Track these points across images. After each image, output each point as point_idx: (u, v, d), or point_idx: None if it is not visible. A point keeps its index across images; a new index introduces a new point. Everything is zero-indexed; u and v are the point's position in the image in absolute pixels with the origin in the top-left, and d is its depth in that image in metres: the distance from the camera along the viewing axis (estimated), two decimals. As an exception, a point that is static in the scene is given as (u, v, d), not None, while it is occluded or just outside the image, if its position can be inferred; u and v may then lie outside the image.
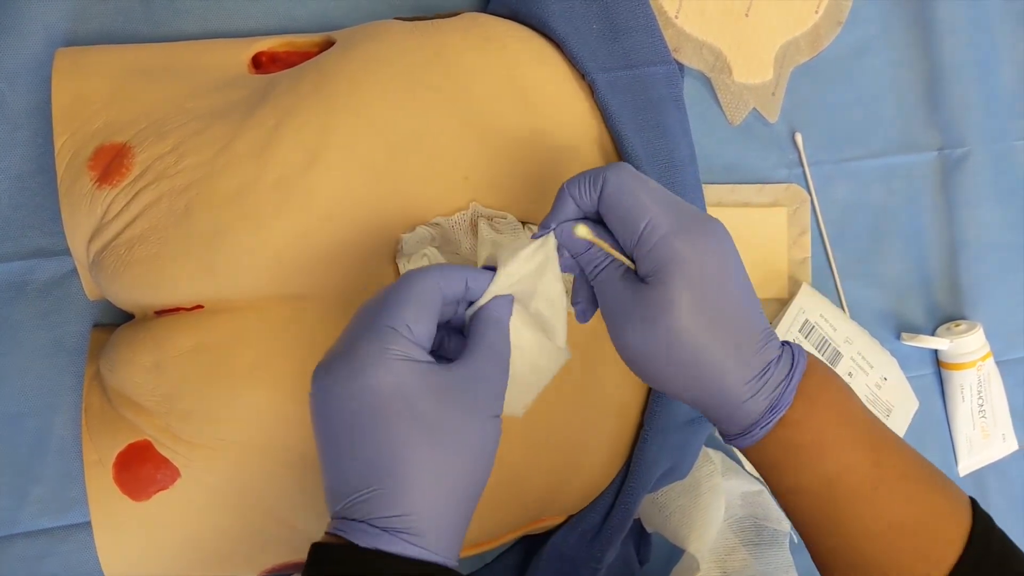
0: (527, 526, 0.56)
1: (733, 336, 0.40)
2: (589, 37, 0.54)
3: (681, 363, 0.40)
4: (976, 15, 0.72)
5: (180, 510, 0.48)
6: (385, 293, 0.38)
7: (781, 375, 0.41)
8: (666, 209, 0.41)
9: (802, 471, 0.41)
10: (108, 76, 0.50)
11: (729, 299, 0.40)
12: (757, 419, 0.41)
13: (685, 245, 0.40)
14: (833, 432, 0.41)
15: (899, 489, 0.40)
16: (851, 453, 0.41)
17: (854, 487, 0.40)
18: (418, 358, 0.37)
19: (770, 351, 0.41)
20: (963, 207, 0.73)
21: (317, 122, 0.47)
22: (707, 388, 0.41)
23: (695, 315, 0.39)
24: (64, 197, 0.48)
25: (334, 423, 0.36)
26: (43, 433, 0.55)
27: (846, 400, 0.42)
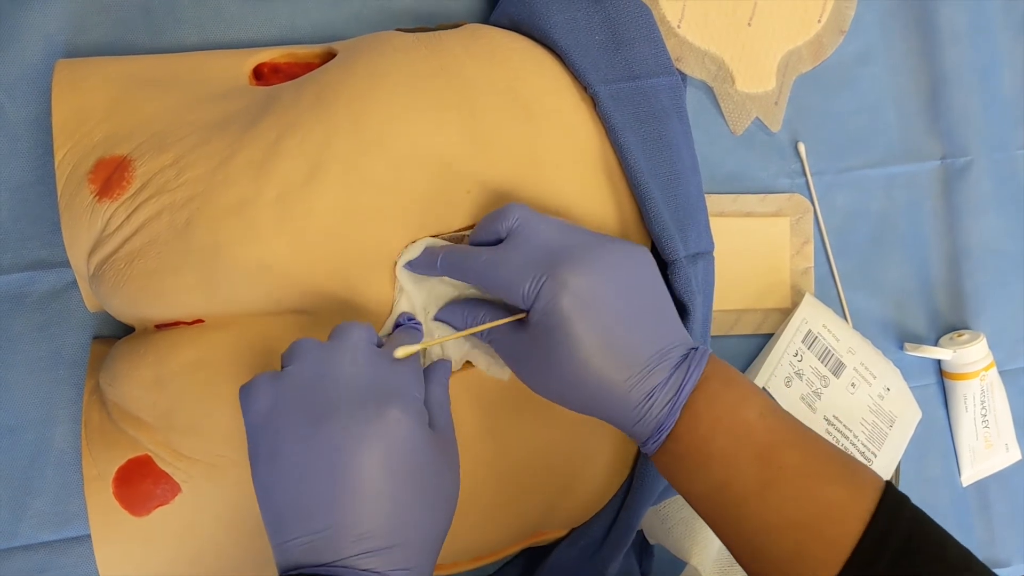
0: (528, 539, 0.56)
1: (612, 368, 0.43)
2: (591, 48, 0.53)
3: (572, 396, 0.45)
4: (978, 24, 0.72)
5: (180, 526, 0.48)
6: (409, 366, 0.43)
7: (668, 395, 0.44)
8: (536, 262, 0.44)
9: (692, 479, 0.44)
10: (108, 88, 0.50)
11: (608, 331, 0.43)
12: (648, 435, 0.44)
13: (554, 292, 0.43)
14: (718, 443, 0.43)
15: (789, 489, 0.42)
16: (736, 462, 0.43)
17: (741, 492, 0.43)
18: (427, 421, 0.42)
19: (662, 369, 0.44)
20: (966, 216, 0.73)
21: (318, 136, 0.47)
22: (601, 411, 0.45)
23: (568, 356, 0.43)
24: (64, 210, 0.48)
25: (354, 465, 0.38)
26: (42, 446, 0.55)
27: (737, 409, 0.44)
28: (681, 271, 0.52)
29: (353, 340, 0.42)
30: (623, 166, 0.52)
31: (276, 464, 0.39)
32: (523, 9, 0.54)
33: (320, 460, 0.38)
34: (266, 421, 0.40)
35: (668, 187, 0.53)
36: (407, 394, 0.41)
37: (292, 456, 0.38)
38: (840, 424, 0.66)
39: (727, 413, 0.44)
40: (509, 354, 0.47)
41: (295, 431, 0.39)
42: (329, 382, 0.40)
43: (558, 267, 0.44)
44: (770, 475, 0.42)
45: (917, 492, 0.72)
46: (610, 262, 0.45)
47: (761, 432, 0.43)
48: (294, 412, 0.39)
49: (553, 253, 0.45)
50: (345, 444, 0.38)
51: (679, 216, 0.53)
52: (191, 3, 0.57)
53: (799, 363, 0.66)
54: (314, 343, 0.42)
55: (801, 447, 0.43)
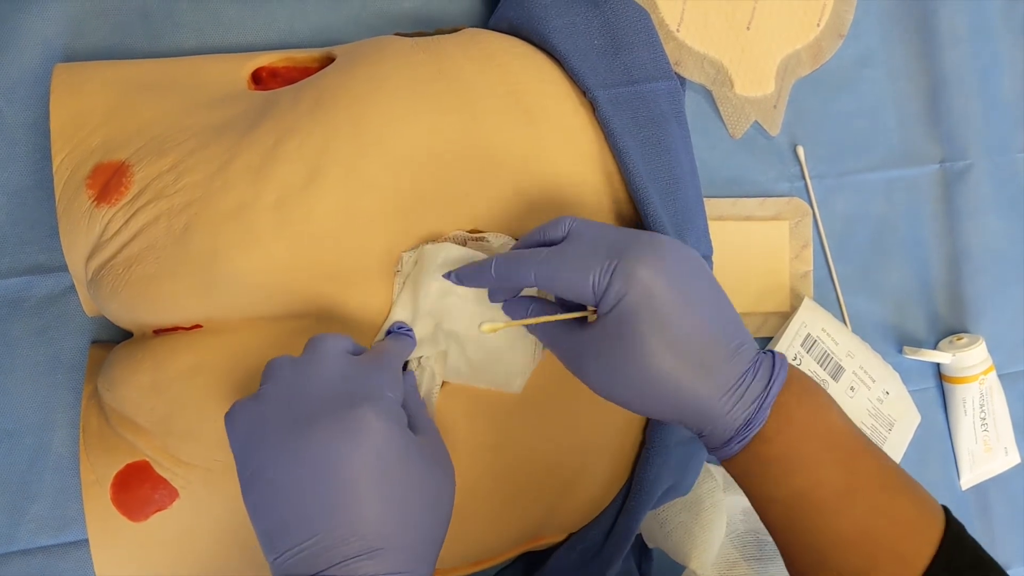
0: (527, 544, 0.56)
1: (697, 355, 0.41)
2: (590, 53, 0.53)
3: (648, 392, 0.42)
4: (978, 27, 0.72)
5: (178, 531, 0.48)
6: (382, 362, 0.43)
7: (758, 389, 0.42)
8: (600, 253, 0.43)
9: (775, 484, 0.42)
10: (107, 92, 0.50)
11: (687, 317, 0.42)
12: (734, 434, 0.42)
13: (627, 276, 0.41)
14: (807, 447, 0.42)
15: (870, 500, 0.41)
16: (823, 467, 0.41)
17: (823, 500, 0.41)
18: (405, 422, 0.41)
19: (741, 362, 0.42)
20: (965, 220, 0.73)
21: (317, 140, 0.47)
22: (681, 408, 0.42)
23: (649, 345, 0.41)
24: (62, 215, 0.48)
25: (329, 475, 0.38)
26: (41, 450, 0.55)
27: (824, 413, 0.43)
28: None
29: (325, 350, 0.42)
30: (622, 170, 0.52)
31: (259, 483, 0.39)
32: (522, 13, 0.54)
33: (298, 472, 0.38)
34: (247, 443, 0.40)
35: (667, 192, 0.53)
36: (380, 396, 0.40)
37: (272, 473, 0.38)
38: (839, 428, 0.66)
39: (816, 415, 0.42)
40: (572, 356, 0.45)
41: (272, 448, 0.39)
42: (301, 395, 0.40)
43: (626, 254, 0.42)
44: (852, 484, 0.41)
45: (916, 496, 0.72)
46: (675, 253, 0.43)
47: (846, 438, 0.42)
48: (270, 430, 0.39)
49: (617, 244, 0.43)
50: (320, 453, 0.38)
51: (678, 221, 0.53)
52: (190, 7, 0.57)
53: (798, 366, 0.66)
54: (287, 359, 0.42)
55: (877, 459, 0.42)
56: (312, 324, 0.48)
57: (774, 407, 0.42)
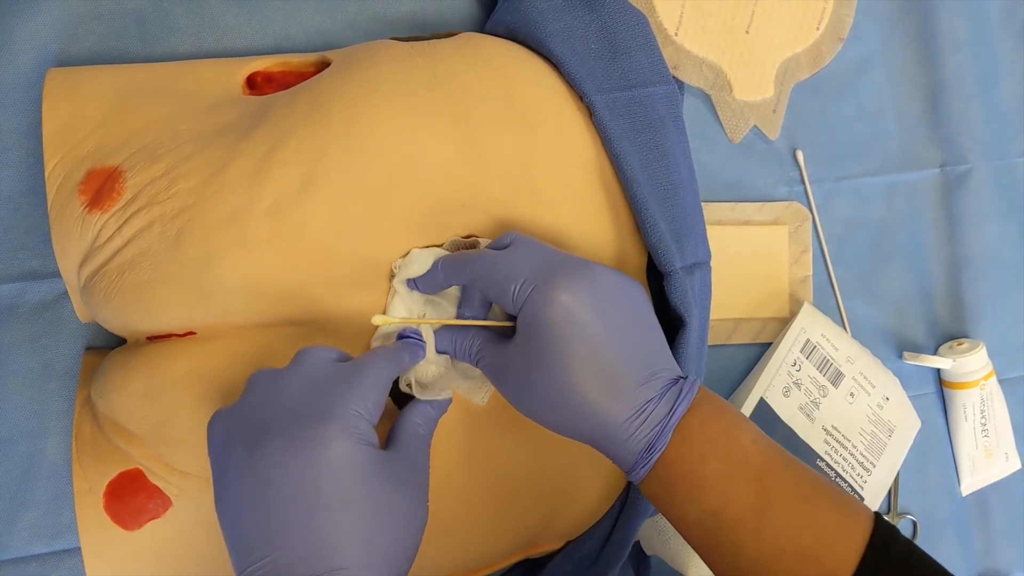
0: (524, 552, 0.56)
1: (605, 378, 0.42)
2: (587, 57, 0.53)
3: (557, 409, 0.43)
4: (978, 31, 0.71)
5: (172, 540, 0.47)
6: (350, 376, 0.41)
7: (661, 413, 0.42)
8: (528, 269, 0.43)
9: (685, 506, 0.43)
10: (100, 97, 0.49)
11: (601, 341, 0.42)
12: (637, 458, 0.43)
13: (546, 294, 0.42)
14: (711, 467, 0.42)
15: (787, 515, 0.41)
16: (731, 486, 0.42)
17: (737, 519, 0.41)
18: (372, 441, 0.40)
19: (651, 389, 0.43)
20: (965, 224, 0.72)
21: (312, 146, 0.46)
22: (587, 429, 0.43)
23: (559, 362, 0.42)
24: (55, 221, 0.47)
25: (283, 491, 0.37)
26: (34, 458, 0.54)
27: (731, 433, 0.43)
28: (678, 282, 0.51)
29: (306, 363, 0.42)
30: (619, 176, 0.52)
31: (225, 497, 0.38)
32: (519, 18, 0.54)
33: (257, 487, 0.37)
34: (219, 452, 0.39)
35: (665, 197, 0.53)
36: (343, 412, 0.39)
37: (235, 487, 0.38)
38: (839, 434, 0.66)
39: (721, 436, 0.43)
40: (495, 371, 0.46)
41: (237, 460, 0.38)
42: (273, 407, 0.39)
43: (552, 275, 0.43)
44: (766, 501, 0.41)
45: (917, 502, 0.72)
46: (603, 280, 0.44)
47: (755, 456, 0.42)
48: (238, 441, 0.39)
49: (550, 264, 0.44)
50: (275, 469, 0.37)
51: (676, 226, 0.53)
52: (184, 12, 0.56)
53: (797, 373, 0.66)
54: (269, 371, 0.42)
55: (794, 473, 0.42)
56: (306, 331, 0.48)
57: (677, 430, 0.42)
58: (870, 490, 0.67)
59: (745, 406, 0.64)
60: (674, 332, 0.53)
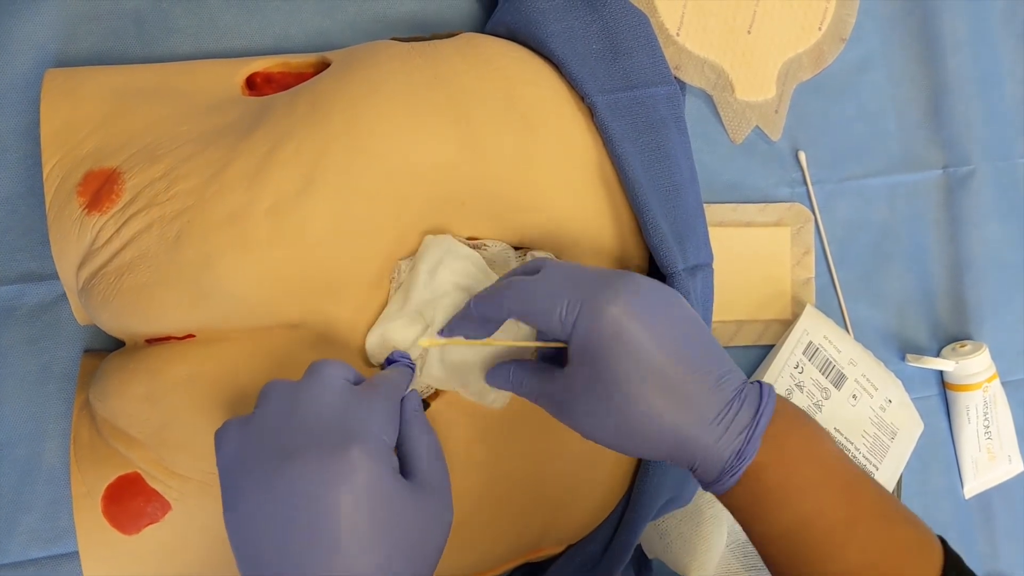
0: (525, 556, 0.55)
1: (674, 386, 0.40)
2: (589, 58, 0.53)
3: (630, 429, 0.41)
4: (980, 32, 0.71)
5: (171, 544, 0.47)
6: (372, 400, 0.40)
7: (745, 419, 0.41)
8: (571, 290, 0.42)
9: (774, 517, 0.41)
10: (98, 98, 0.49)
11: (660, 350, 0.41)
12: (725, 467, 0.41)
13: (596, 312, 0.40)
14: (803, 475, 0.40)
15: (872, 530, 0.40)
16: (823, 495, 0.40)
17: (827, 529, 0.40)
18: (396, 467, 0.39)
19: (725, 392, 0.41)
20: (968, 225, 0.72)
21: (312, 147, 0.46)
22: (665, 443, 0.41)
23: (623, 380, 0.40)
24: (53, 223, 0.47)
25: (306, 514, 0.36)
26: (32, 461, 0.54)
27: (817, 441, 0.42)
28: (680, 284, 0.51)
29: (323, 379, 0.40)
30: (621, 177, 0.51)
31: (239, 510, 0.38)
32: (519, 18, 0.53)
33: (276, 506, 0.37)
34: (232, 466, 0.39)
35: (666, 199, 0.52)
36: (370, 436, 0.38)
37: (252, 502, 0.37)
38: (841, 437, 0.66)
39: (809, 443, 0.41)
40: (553, 404, 0.44)
41: (255, 476, 0.37)
42: (292, 424, 0.39)
43: (597, 291, 0.41)
44: (855, 512, 0.40)
45: (919, 505, 0.71)
46: (649, 289, 0.42)
47: (842, 466, 0.41)
48: (256, 456, 0.38)
49: (589, 280, 0.42)
50: (300, 490, 0.36)
51: (678, 228, 0.52)
52: (184, 12, 0.56)
53: (800, 375, 0.65)
54: (285, 384, 0.41)
55: (875, 486, 0.41)
56: (306, 334, 0.47)
57: (765, 437, 0.40)
58: (873, 493, 0.66)
59: (747, 408, 0.63)
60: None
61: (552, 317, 0.42)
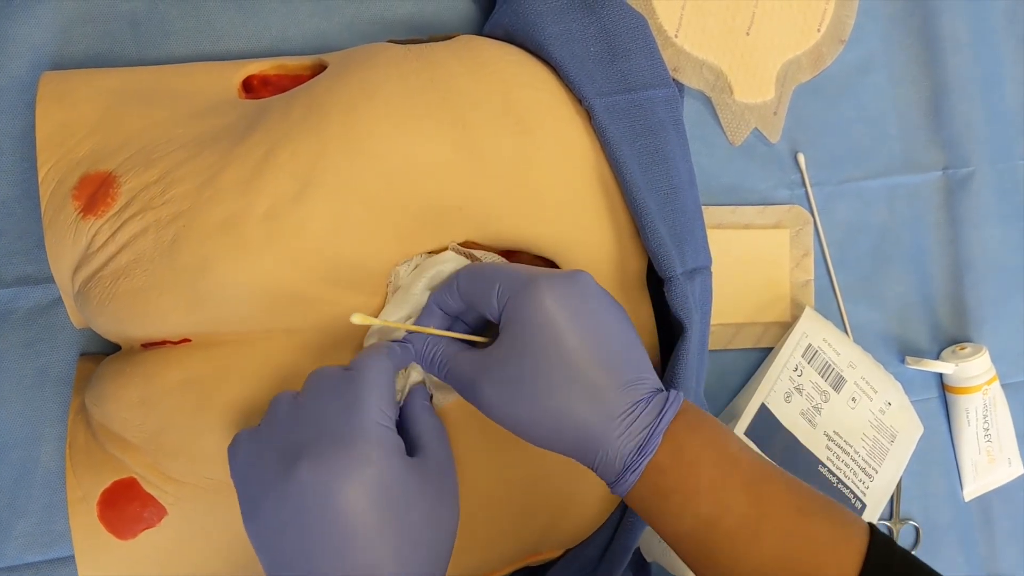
0: (524, 560, 0.55)
1: (589, 380, 0.41)
2: (587, 60, 0.52)
3: (537, 414, 0.41)
4: (980, 33, 0.71)
5: (167, 549, 0.47)
6: (359, 385, 0.41)
7: (648, 418, 0.41)
8: (514, 274, 0.43)
9: (679, 516, 0.41)
10: (94, 102, 0.49)
11: (583, 344, 0.41)
12: (627, 462, 0.41)
13: (530, 296, 0.42)
14: (706, 474, 0.41)
15: (783, 524, 0.40)
16: (727, 494, 0.40)
17: (733, 528, 0.40)
18: (401, 448, 0.40)
19: (635, 394, 0.42)
20: (968, 227, 0.72)
21: (308, 151, 0.46)
22: (570, 432, 0.41)
23: (541, 364, 0.41)
24: (48, 227, 0.47)
25: (320, 514, 0.37)
26: (29, 465, 0.54)
27: (720, 441, 0.42)
28: (678, 288, 0.51)
29: (320, 380, 0.42)
30: (619, 181, 0.51)
31: (258, 518, 0.39)
32: (517, 20, 0.53)
33: (290, 509, 0.38)
34: (246, 476, 0.40)
35: (665, 202, 0.52)
36: (370, 429, 0.39)
37: (268, 509, 0.38)
38: (840, 440, 0.65)
39: (711, 443, 0.42)
40: (465, 381, 0.44)
41: (268, 483, 0.39)
42: (298, 430, 0.40)
43: (536, 278, 0.42)
44: (761, 510, 0.40)
45: (919, 507, 0.71)
46: (587, 286, 0.43)
47: (746, 463, 0.41)
48: (267, 464, 0.39)
49: (531, 271, 0.44)
50: (310, 492, 0.37)
51: (676, 231, 0.52)
52: (180, 14, 0.56)
53: (799, 378, 0.65)
54: (288, 394, 0.42)
55: (785, 482, 0.41)
56: (302, 338, 0.47)
57: (667, 436, 0.41)
58: (872, 496, 0.66)
59: (746, 411, 0.63)
60: (674, 338, 0.53)
61: (491, 295, 0.43)
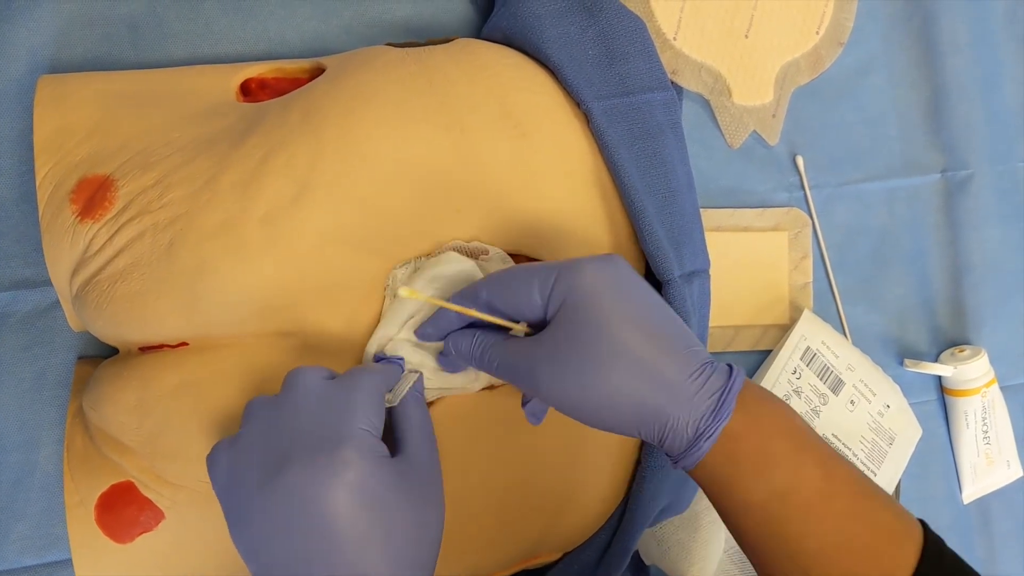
0: (523, 562, 0.55)
1: (651, 345, 0.40)
2: (585, 64, 0.52)
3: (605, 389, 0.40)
4: (979, 35, 0.71)
5: (164, 553, 0.47)
6: (349, 393, 0.40)
7: (717, 384, 0.40)
8: (549, 267, 0.42)
9: (750, 486, 0.40)
10: (92, 105, 0.49)
11: (636, 313, 0.40)
12: (699, 428, 0.39)
13: (570, 279, 0.41)
14: (780, 445, 0.40)
15: (851, 505, 0.39)
16: (800, 467, 0.39)
17: (804, 502, 0.39)
18: (385, 453, 0.39)
19: (698, 357, 0.40)
20: (967, 230, 0.72)
21: (306, 155, 0.46)
22: (639, 409, 0.40)
23: (600, 339, 0.39)
24: (46, 230, 0.47)
25: (305, 521, 0.37)
26: (26, 468, 0.54)
27: (788, 414, 0.41)
28: (676, 291, 0.51)
29: (299, 387, 0.41)
30: (617, 184, 0.51)
31: (243, 527, 0.38)
32: (515, 23, 0.53)
33: (275, 518, 0.37)
34: (227, 486, 0.39)
35: (663, 205, 0.52)
36: (351, 434, 0.38)
37: (252, 518, 0.38)
38: (839, 442, 0.65)
39: (782, 414, 0.40)
40: (524, 373, 0.42)
41: (250, 493, 0.38)
42: (276, 439, 0.39)
43: (574, 263, 0.41)
44: (832, 487, 0.39)
45: (918, 510, 0.70)
46: (623, 266, 0.42)
47: (816, 440, 0.40)
48: (249, 474, 0.39)
49: (561, 262, 0.43)
50: (293, 500, 0.37)
51: (674, 234, 0.52)
52: (178, 18, 0.56)
53: (798, 380, 0.65)
54: (264, 400, 0.41)
55: (849, 465, 0.41)
56: (300, 341, 0.47)
57: (739, 404, 0.40)
58: (871, 498, 0.66)
59: (745, 414, 0.63)
60: (673, 341, 0.53)
61: (531, 293, 0.42)
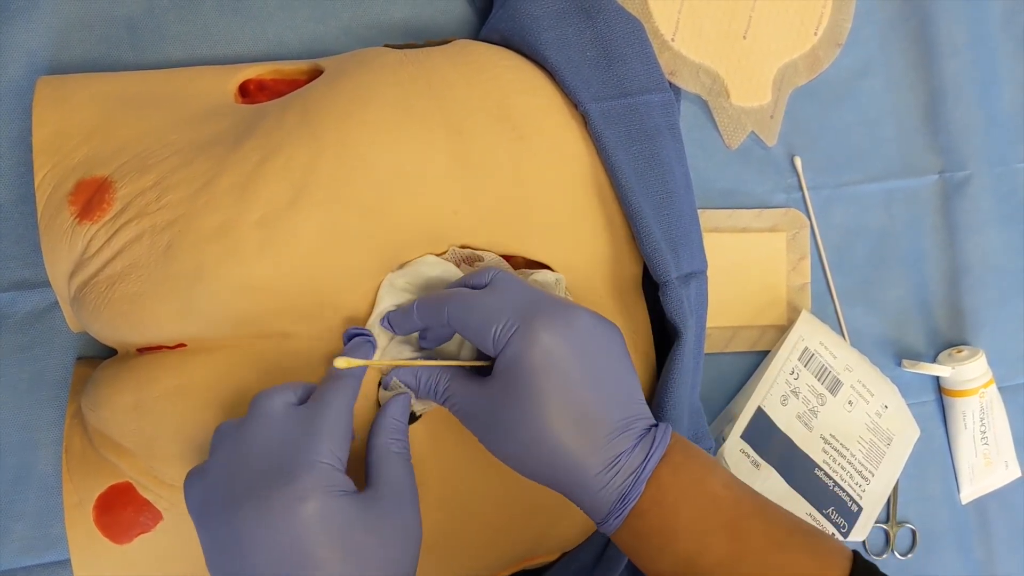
0: (520, 564, 0.55)
1: (583, 427, 0.41)
2: (583, 65, 0.52)
3: (532, 455, 0.42)
4: (978, 37, 0.71)
5: (162, 554, 0.47)
6: (311, 421, 0.40)
7: (634, 465, 0.42)
8: (512, 308, 0.42)
9: (658, 556, 0.42)
10: (90, 107, 0.49)
11: (580, 389, 0.42)
12: (610, 509, 0.42)
13: (529, 337, 0.41)
14: (684, 516, 0.41)
15: (760, 561, 0.40)
16: (705, 535, 0.41)
17: (711, 566, 0.41)
18: (347, 488, 0.39)
19: (624, 441, 0.42)
20: (965, 231, 0.72)
21: (303, 158, 0.46)
22: (560, 479, 0.42)
23: (538, 408, 0.41)
24: (44, 232, 0.47)
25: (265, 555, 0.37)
26: (25, 469, 0.54)
27: (703, 480, 0.42)
28: (673, 292, 0.51)
29: (264, 412, 0.41)
30: (614, 185, 0.51)
31: (212, 558, 0.39)
32: (513, 25, 0.53)
33: (240, 550, 0.37)
34: (199, 516, 0.40)
35: (660, 207, 0.52)
36: (313, 464, 0.38)
37: (220, 549, 0.38)
38: (837, 443, 0.65)
39: (693, 484, 0.42)
40: (465, 412, 0.44)
41: (218, 523, 0.38)
42: (237, 468, 0.39)
43: (533, 318, 0.42)
44: (739, 548, 0.41)
45: (916, 510, 0.71)
46: (583, 325, 0.43)
47: (727, 503, 0.42)
48: (214, 504, 0.39)
49: (530, 304, 0.43)
50: (256, 530, 0.37)
51: (672, 236, 0.52)
52: (177, 19, 0.56)
53: (795, 381, 0.65)
54: (229, 427, 0.42)
55: (764, 517, 0.42)
56: (297, 343, 0.47)
57: (650, 481, 0.42)
58: (869, 499, 0.66)
59: (743, 415, 0.63)
60: (670, 342, 0.53)
61: (486, 334, 0.42)
